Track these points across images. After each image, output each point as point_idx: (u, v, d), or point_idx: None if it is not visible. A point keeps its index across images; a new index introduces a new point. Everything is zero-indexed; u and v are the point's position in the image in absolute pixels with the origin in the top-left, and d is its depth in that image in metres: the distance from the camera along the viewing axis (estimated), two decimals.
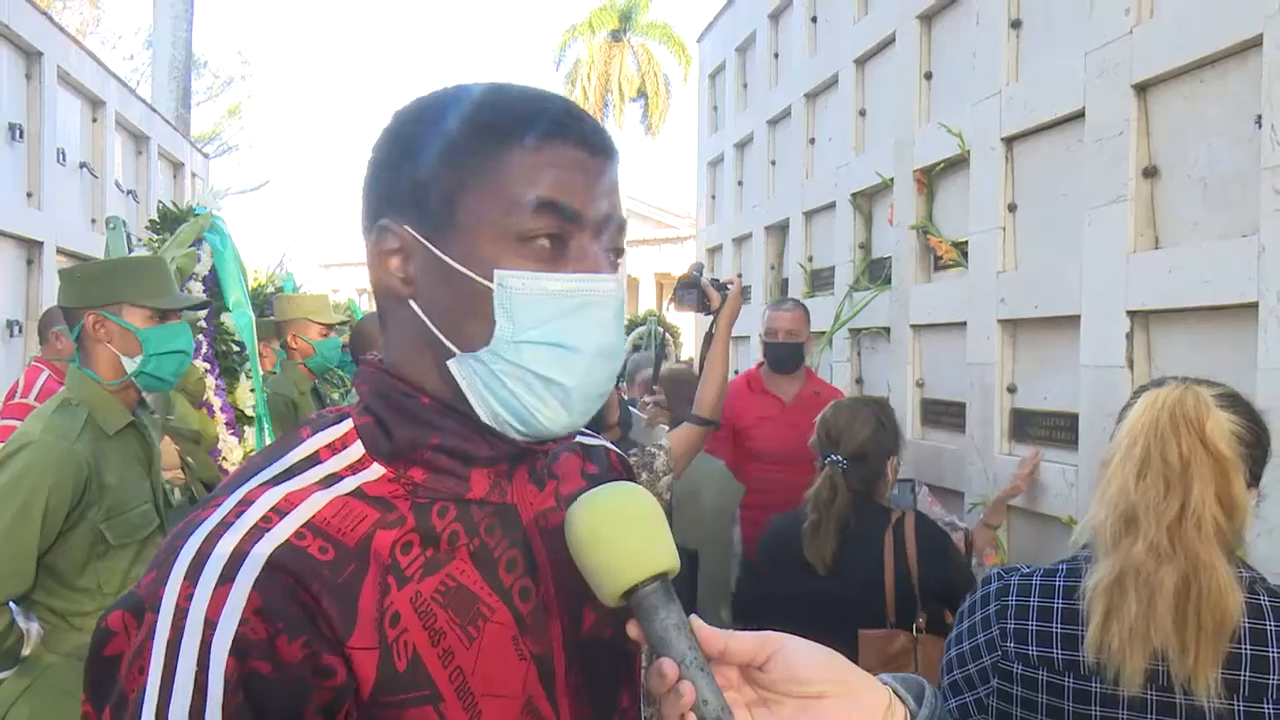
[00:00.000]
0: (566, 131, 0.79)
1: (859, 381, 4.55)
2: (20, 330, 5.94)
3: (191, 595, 0.68)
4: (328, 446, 0.80)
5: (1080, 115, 2.80)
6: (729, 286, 2.90)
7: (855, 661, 0.76)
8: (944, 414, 3.76)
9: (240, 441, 3.19)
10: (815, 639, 0.76)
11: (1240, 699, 1.28)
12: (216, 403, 3.09)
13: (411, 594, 0.75)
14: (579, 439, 1.00)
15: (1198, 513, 1.27)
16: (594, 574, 0.74)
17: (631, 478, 1.04)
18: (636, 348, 6.64)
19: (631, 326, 7.28)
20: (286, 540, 0.71)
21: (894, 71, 4.13)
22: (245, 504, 0.73)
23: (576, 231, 0.79)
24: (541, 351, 0.77)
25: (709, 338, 2.83)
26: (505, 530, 0.83)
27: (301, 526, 0.73)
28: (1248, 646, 1.29)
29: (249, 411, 3.28)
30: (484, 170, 0.78)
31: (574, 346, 0.78)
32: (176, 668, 0.66)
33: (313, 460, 0.79)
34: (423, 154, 0.80)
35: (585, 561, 0.75)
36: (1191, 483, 1.28)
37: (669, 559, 0.74)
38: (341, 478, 0.78)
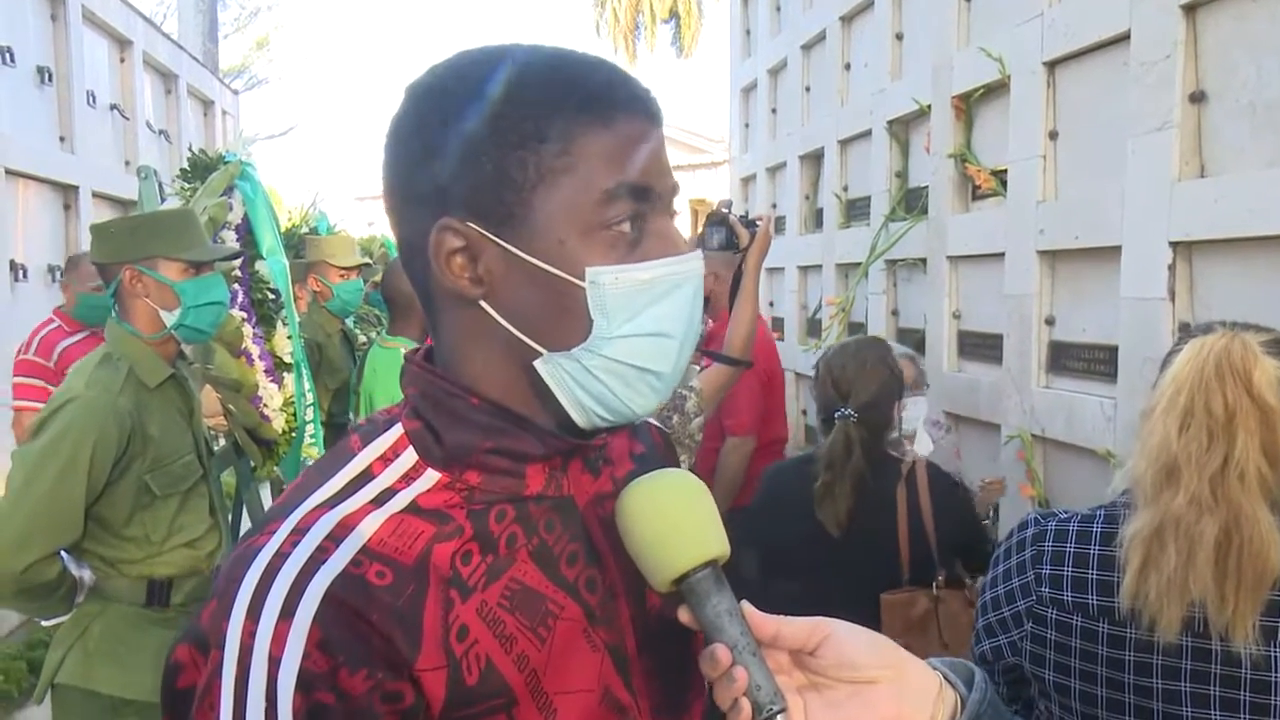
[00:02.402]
0: (631, 104, 0.76)
1: (895, 313, 4.51)
2: (61, 274, 6.03)
3: (254, 633, 0.68)
4: (380, 459, 0.79)
5: (1125, 38, 2.71)
6: (758, 223, 2.86)
7: (876, 626, 0.76)
8: (981, 346, 3.73)
9: (280, 388, 3.23)
10: (828, 601, 0.76)
11: (1277, 646, 1.27)
12: (255, 350, 3.12)
13: (477, 604, 0.75)
14: None
15: (1241, 464, 1.25)
16: (645, 561, 0.75)
17: (674, 453, 1.03)
18: None
19: None
20: (343, 570, 0.70)
21: None
22: (300, 532, 0.73)
23: (652, 211, 0.77)
24: (636, 343, 0.76)
25: (739, 276, 2.79)
26: (565, 524, 0.82)
27: (357, 553, 0.72)
28: None
29: (287, 359, 3.32)
30: (557, 159, 0.74)
31: (667, 333, 0.77)
32: (246, 705, 0.67)
33: (365, 477, 0.77)
34: (478, 143, 0.74)
35: (636, 549, 0.75)
36: (1236, 434, 1.26)
37: (720, 545, 0.74)
38: (396, 492, 0.77)
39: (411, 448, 0.79)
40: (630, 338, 0.75)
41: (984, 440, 3.58)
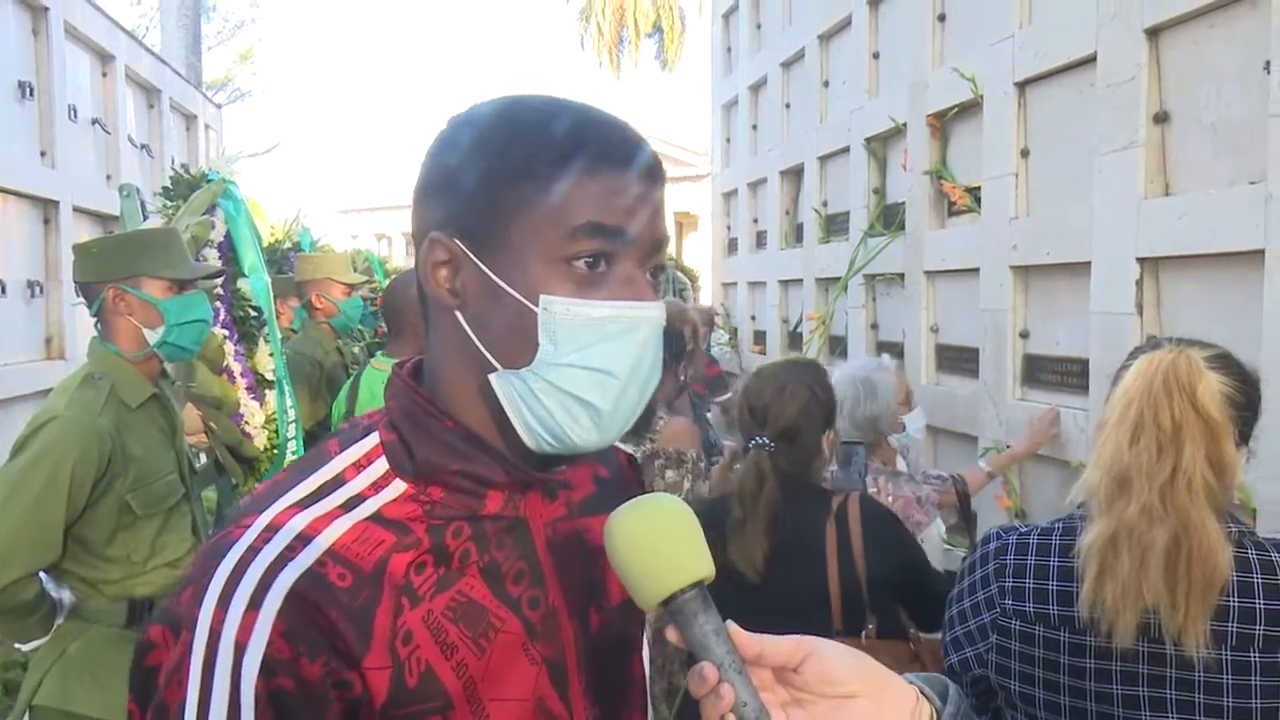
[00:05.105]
0: (626, 160, 0.82)
1: (874, 327, 4.56)
2: (41, 290, 5.99)
3: (224, 620, 0.74)
4: (354, 465, 0.84)
5: (1092, 59, 2.77)
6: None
7: None
8: (957, 359, 3.78)
9: (261, 405, 3.24)
10: None
11: (1227, 649, 1.32)
12: (236, 368, 3.12)
13: (423, 613, 0.79)
14: None
15: (1189, 474, 1.30)
16: (634, 582, 0.77)
17: (639, 477, 1.07)
18: None
19: None
20: (309, 569, 0.76)
21: (907, 13, 4.07)
22: (272, 530, 0.78)
23: (622, 254, 0.82)
24: (579, 375, 0.80)
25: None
26: (516, 543, 0.86)
27: (323, 554, 0.77)
28: (1235, 599, 1.32)
29: (269, 376, 3.32)
30: (538, 194, 0.80)
31: (611, 371, 0.81)
32: (213, 685, 0.73)
33: (338, 481, 0.83)
34: (478, 172, 0.82)
35: (625, 570, 0.77)
36: (1183, 445, 1.31)
37: (706, 567, 0.77)
38: (364, 499, 0.82)
39: (384, 457, 0.84)
40: (574, 368, 0.80)
41: (961, 452, 3.63)
